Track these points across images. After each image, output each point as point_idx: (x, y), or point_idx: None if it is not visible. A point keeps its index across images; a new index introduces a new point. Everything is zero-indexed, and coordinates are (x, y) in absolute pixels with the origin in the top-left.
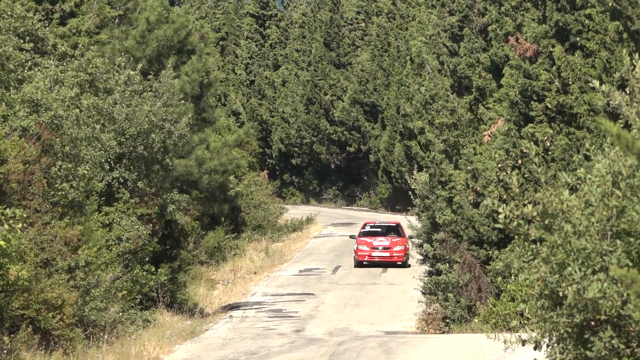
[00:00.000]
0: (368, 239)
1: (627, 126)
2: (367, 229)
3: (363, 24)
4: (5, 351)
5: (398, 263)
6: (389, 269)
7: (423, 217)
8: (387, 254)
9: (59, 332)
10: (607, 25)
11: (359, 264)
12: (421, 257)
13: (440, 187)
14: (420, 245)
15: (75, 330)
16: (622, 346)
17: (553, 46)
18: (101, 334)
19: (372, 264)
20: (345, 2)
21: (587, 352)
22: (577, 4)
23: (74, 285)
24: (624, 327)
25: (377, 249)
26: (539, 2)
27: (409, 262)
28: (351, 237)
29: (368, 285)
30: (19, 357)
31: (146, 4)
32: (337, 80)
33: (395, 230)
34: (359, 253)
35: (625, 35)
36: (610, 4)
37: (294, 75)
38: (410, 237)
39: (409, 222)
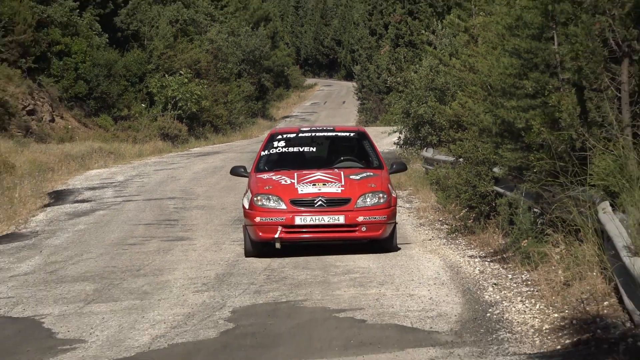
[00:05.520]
0: (284, 178)
1: (435, 48)
2: (279, 147)
3: None
4: (201, 135)
5: (370, 239)
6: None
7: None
8: (340, 219)
9: (221, 126)
10: None
11: (255, 248)
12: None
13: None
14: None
15: (227, 126)
16: (433, 133)
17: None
18: (237, 128)
19: (298, 244)
20: None
21: (419, 135)
22: None
23: (226, 108)
24: (435, 124)
25: (311, 204)
26: None
27: (397, 229)
28: (235, 171)
29: (336, 109)
30: (205, 135)
31: None
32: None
33: (356, 150)
34: (256, 220)
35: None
36: None
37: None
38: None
39: (353, 86)
